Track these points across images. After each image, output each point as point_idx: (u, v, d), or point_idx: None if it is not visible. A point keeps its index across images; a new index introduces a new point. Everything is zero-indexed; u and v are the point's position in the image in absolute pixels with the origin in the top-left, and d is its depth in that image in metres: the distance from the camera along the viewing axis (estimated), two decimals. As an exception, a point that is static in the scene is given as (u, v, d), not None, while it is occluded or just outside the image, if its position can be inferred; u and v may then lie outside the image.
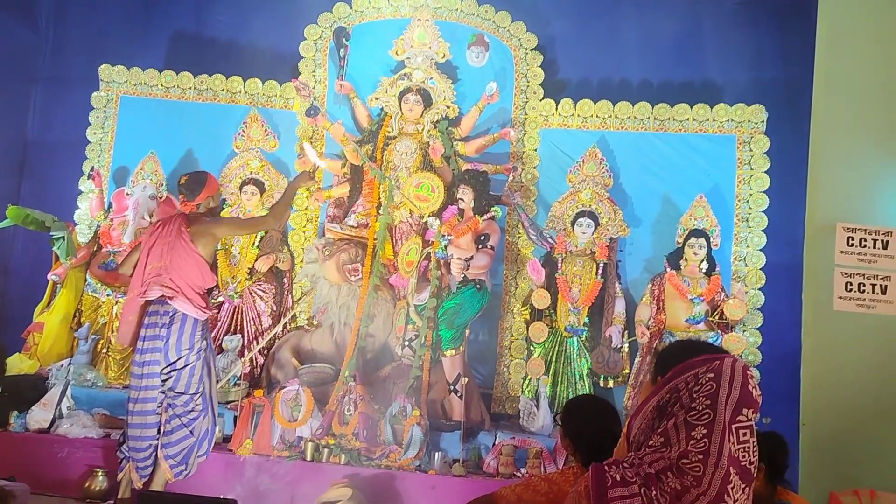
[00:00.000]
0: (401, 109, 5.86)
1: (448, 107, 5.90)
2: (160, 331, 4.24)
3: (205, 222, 4.50)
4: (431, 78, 5.91)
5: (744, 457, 1.55)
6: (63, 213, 5.98)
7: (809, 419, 5.45)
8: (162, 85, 6.31)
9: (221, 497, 4.31)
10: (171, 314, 4.26)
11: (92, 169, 6.13)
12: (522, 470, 4.68)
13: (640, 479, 1.54)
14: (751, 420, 1.59)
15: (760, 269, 5.66)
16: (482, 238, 5.52)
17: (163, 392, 4.26)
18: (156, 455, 4.26)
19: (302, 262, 5.95)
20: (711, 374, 1.60)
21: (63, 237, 5.70)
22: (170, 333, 4.24)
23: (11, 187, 6.41)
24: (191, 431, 4.27)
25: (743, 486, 1.54)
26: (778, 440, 3.09)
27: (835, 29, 5.86)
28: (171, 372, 4.25)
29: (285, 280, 6.03)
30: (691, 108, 5.86)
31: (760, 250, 5.68)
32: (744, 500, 1.54)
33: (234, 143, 6.11)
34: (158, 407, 4.27)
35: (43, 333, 5.64)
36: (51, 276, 5.76)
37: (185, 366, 4.25)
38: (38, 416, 4.87)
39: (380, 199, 5.75)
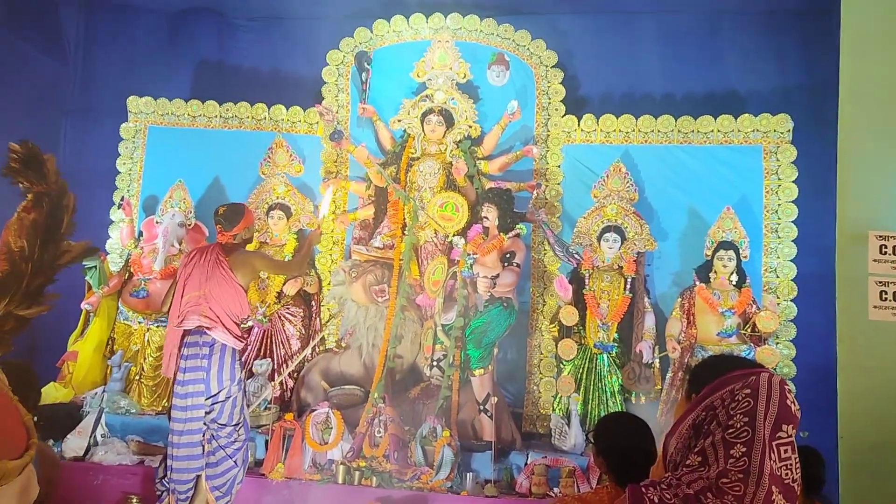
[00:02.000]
0: (423, 130, 5.89)
1: (470, 126, 5.92)
2: (201, 362, 4.24)
3: (244, 252, 4.56)
4: (453, 98, 5.93)
5: (787, 474, 1.52)
6: (94, 242, 6.01)
7: (848, 432, 5.33)
8: (188, 114, 6.42)
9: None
10: (210, 345, 4.27)
11: (122, 198, 6.23)
12: (555, 489, 4.63)
13: (679, 501, 1.52)
14: (791, 436, 1.56)
15: (792, 280, 5.58)
16: (508, 256, 5.51)
17: (205, 423, 4.27)
18: (196, 484, 4.26)
19: (329, 284, 5.98)
20: (748, 391, 1.57)
21: (95, 266, 5.79)
22: (210, 364, 4.24)
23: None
24: (235, 462, 4.28)
25: (787, 504, 1.51)
26: (812, 453, 3.03)
27: (858, 33, 5.78)
28: (213, 404, 4.25)
29: (313, 303, 6.06)
30: (715, 119, 5.82)
31: (791, 261, 5.60)
32: (787, 519, 1.51)
33: (261, 169, 6.18)
34: (202, 437, 4.27)
35: (77, 362, 5.71)
36: (84, 305, 5.84)
37: (228, 398, 4.27)
38: (74, 444, 4.92)
39: (405, 219, 5.77)
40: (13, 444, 1.41)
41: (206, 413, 4.26)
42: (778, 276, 5.61)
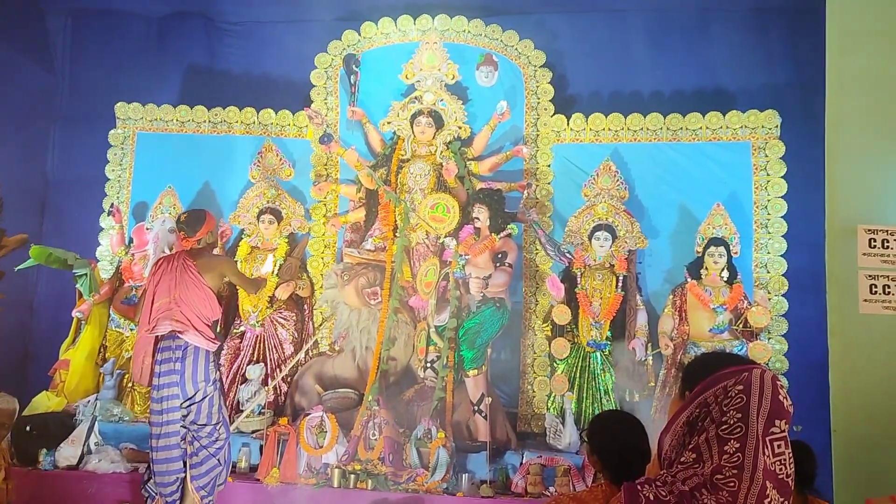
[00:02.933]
0: (413, 132, 5.89)
1: (460, 127, 5.93)
2: (175, 365, 4.30)
3: (211, 256, 4.64)
4: (442, 100, 5.94)
5: (780, 469, 1.53)
6: (85, 250, 6.05)
7: (841, 425, 5.36)
8: (177, 120, 6.40)
9: (251, 527, 4.32)
10: (183, 348, 4.32)
11: (112, 205, 6.21)
12: (551, 489, 4.64)
13: (674, 498, 1.52)
14: (784, 431, 1.57)
15: (782, 276, 5.61)
16: (499, 256, 5.52)
17: (184, 426, 4.30)
18: (182, 487, 4.27)
19: (321, 288, 5.97)
20: (741, 387, 1.58)
21: (86, 274, 5.76)
22: (184, 367, 4.29)
23: (34, 226, 6.49)
24: (218, 461, 4.31)
25: (781, 499, 1.51)
26: (802, 448, 3.04)
27: (844, 29, 5.82)
28: (190, 405, 4.29)
29: (306, 307, 6.05)
30: (704, 116, 5.85)
31: (781, 256, 5.63)
32: (782, 514, 1.52)
33: (250, 173, 6.16)
34: (182, 441, 4.30)
35: (69, 370, 5.69)
36: (75, 313, 5.82)
37: (204, 398, 4.31)
38: (67, 452, 4.90)
39: (396, 221, 5.77)
40: None
41: (184, 416, 4.29)
42: (769, 272, 5.64)
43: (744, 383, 1.58)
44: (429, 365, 5.48)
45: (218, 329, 4.70)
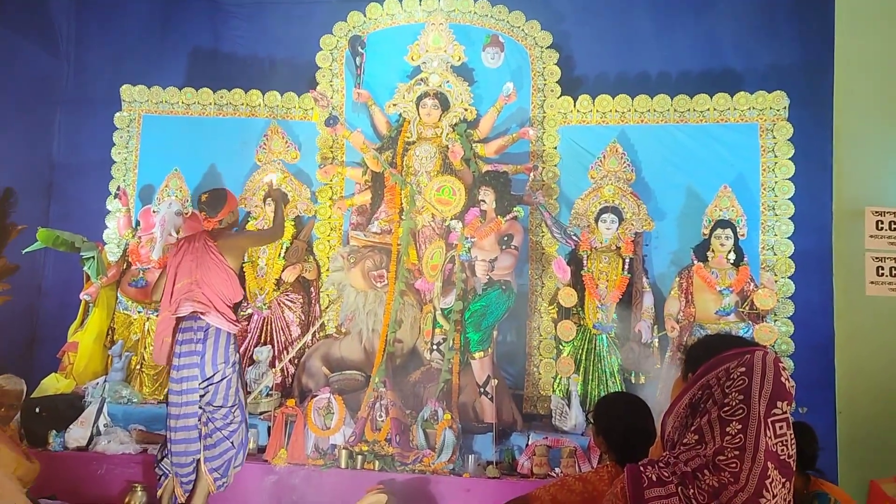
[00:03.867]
0: (419, 114, 5.87)
1: (466, 109, 5.90)
2: (196, 346, 4.30)
3: (230, 236, 4.62)
4: (448, 81, 5.91)
5: (782, 450, 1.54)
6: (92, 232, 6.07)
7: (846, 407, 5.37)
8: (183, 102, 6.39)
9: (259, 507, 4.37)
10: (205, 329, 4.32)
11: (118, 188, 6.22)
12: (557, 470, 4.67)
13: (676, 479, 1.53)
14: (786, 413, 1.58)
15: (789, 258, 5.59)
16: (506, 239, 5.52)
17: (200, 407, 4.32)
18: (197, 468, 4.31)
19: (328, 270, 5.99)
20: (743, 369, 1.58)
21: (93, 257, 5.79)
22: (205, 349, 4.30)
23: (40, 209, 6.52)
24: (232, 443, 4.34)
25: (783, 480, 1.52)
26: (803, 428, 3.04)
27: (853, 9, 5.77)
28: (208, 386, 4.30)
29: (312, 289, 6.07)
30: (711, 97, 5.81)
31: (788, 238, 5.61)
32: (784, 494, 1.53)
33: (256, 155, 6.16)
34: (198, 421, 4.31)
35: (77, 352, 5.72)
36: (83, 296, 5.85)
37: (222, 379, 4.32)
38: (76, 434, 4.95)
39: (402, 204, 5.77)
40: None
41: (201, 396, 4.30)
42: (775, 254, 5.62)
43: (746, 365, 1.58)
44: (435, 347, 5.50)
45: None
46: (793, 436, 1.57)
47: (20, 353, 6.19)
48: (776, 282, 5.50)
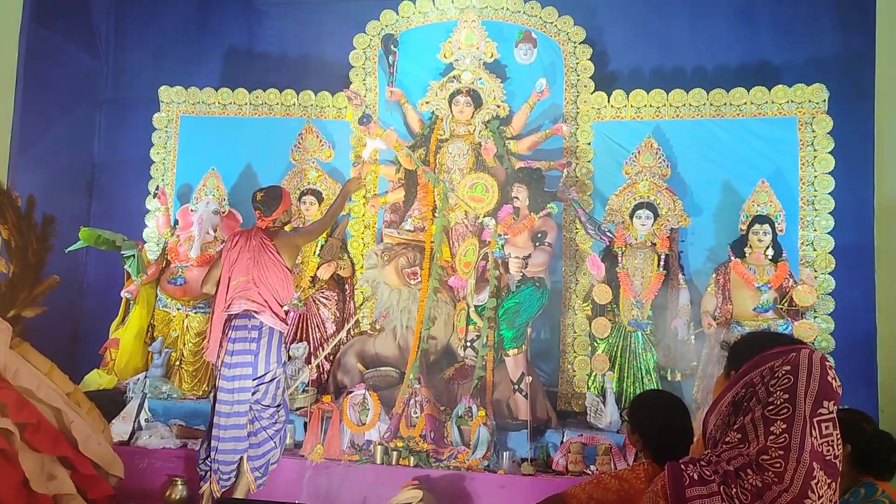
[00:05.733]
0: (451, 112, 5.88)
1: (498, 106, 5.89)
2: (250, 345, 4.31)
3: (286, 234, 4.62)
4: (480, 78, 5.90)
5: (828, 451, 1.52)
6: (131, 231, 6.18)
7: (888, 405, 5.26)
8: (219, 102, 6.48)
9: (295, 503, 4.41)
10: (259, 328, 4.33)
11: (157, 187, 6.32)
12: (592, 467, 4.65)
13: (718, 477, 1.52)
14: (832, 412, 1.55)
15: (829, 253, 5.49)
16: (539, 235, 5.51)
17: (249, 405, 4.34)
18: (239, 466, 4.35)
19: (362, 268, 6.03)
20: (788, 367, 1.56)
21: (133, 255, 5.89)
22: (259, 347, 4.30)
23: (82, 208, 6.66)
24: (275, 443, 4.37)
25: (829, 481, 1.50)
26: (883, 436, 2.97)
27: (895, -1, 5.64)
28: (258, 385, 4.32)
29: (347, 286, 6.12)
30: (748, 91, 5.72)
31: (828, 233, 5.51)
32: (830, 495, 1.50)
33: (291, 155, 6.22)
34: (247, 419, 4.35)
35: (119, 349, 5.83)
36: (124, 294, 5.95)
37: (273, 379, 4.35)
38: (119, 429, 5.04)
39: (435, 201, 5.78)
40: None
41: (252, 394, 4.32)
42: (815, 250, 5.53)
43: (791, 363, 1.56)
44: (469, 344, 5.50)
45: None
46: (839, 436, 1.54)
47: (64, 350, 6.33)
48: (816, 278, 5.41)
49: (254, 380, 4.30)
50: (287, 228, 4.82)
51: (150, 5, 6.90)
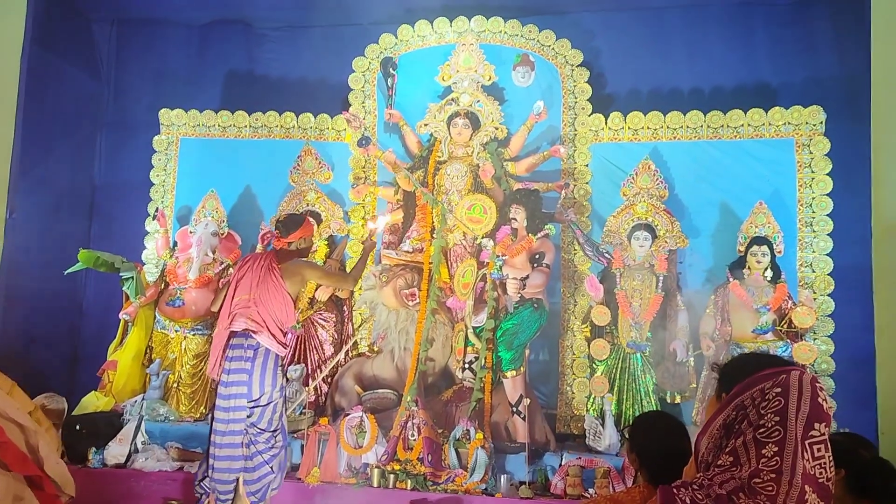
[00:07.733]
0: (450, 134, 5.91)
1: (496, 128, 5.93)
2: (245, 364, 4.29)
3: (296, 262, 4.61)
4: (479, 101, 5.94)
5: (821, 473, 1.50)
6: (131, 253, 6.19)
7: (889, 427, 5.23)
8: (219, 125, 6.52)
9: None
10: (255, 348, 4.31)
11: (156, 209, 6.34)
12: (591, 490, 4.61)
13: (710, 501, 1.51)
14: (824, 434, 1.54)
15: (828, 275, 5.49)
16: (537, 257, 5.51)
17: (245, 427, 4.31)
18: (236, 487, 4.31)
19: (360, 289, 6.02)
20: (779, 389, 1.56)
21: (132, 277, 5.89)
22: (253, 368, 4.28)
23: (82, 229, 6.68)
24: (271, 468, 4.32)
25: (821, 503, 1.49)
26: (882, 464, 2.93)
27: (891, 20, 5.67)
28: (253, 408, 4.29)
29: (345, 308, 6.11)
30: (745, 113, 5.76)
31: (827, 255, 5.51)
32: (822, 518, 1.49)
33: (290, 177, 6.25)
34: (243, 440, 4.31)
35: (117, 371, 5.81)
36: (122, 315, 5.95)
37: (269, 403, 4.30)
38: (115, 451, 5.02)
39: (433, 223, 5.79)
40: None
41: (247, 416, 4.31)
42: (814, 271, 5.53)
43: (782, 385, 1.56)
44: (467, 366, 5.49)
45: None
46: (831, 458, 1.53)
47: (62, 371, 6.32)
48: (815, 299, 5.40)
49: (249, 402, 4.27)
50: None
51: (150, 29, 6.95)
